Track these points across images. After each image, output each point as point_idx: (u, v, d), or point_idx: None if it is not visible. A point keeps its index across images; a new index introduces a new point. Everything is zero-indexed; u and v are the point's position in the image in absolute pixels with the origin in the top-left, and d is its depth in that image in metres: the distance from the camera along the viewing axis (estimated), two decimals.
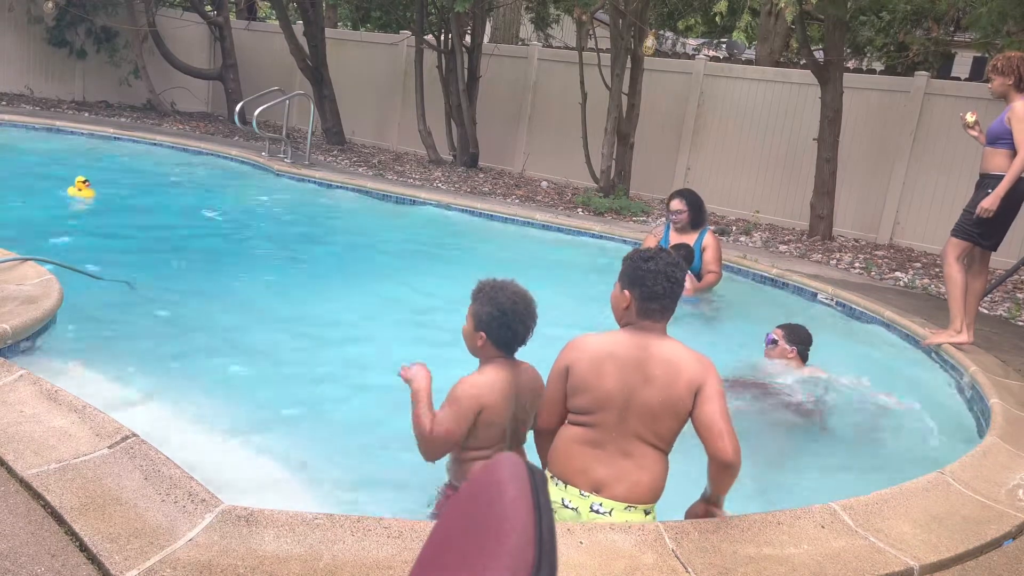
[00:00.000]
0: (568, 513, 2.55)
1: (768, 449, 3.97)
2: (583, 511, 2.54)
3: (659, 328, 2.57)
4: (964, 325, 5.09)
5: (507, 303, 2.68)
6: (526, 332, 2.73)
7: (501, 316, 2.67)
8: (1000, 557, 2.68)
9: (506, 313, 2.67)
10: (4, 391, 2.86)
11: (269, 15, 19.63)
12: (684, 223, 6.15)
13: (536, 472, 0.71)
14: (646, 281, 2.51)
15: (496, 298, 2.70)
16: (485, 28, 13.21)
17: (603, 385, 2.50)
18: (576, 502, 2.55)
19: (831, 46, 9.03)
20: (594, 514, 2.52)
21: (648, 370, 2.48)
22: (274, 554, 2.12)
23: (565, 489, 2.56)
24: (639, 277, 2.53)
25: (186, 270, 6.11)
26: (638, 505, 2.54)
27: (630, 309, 2.57)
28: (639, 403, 2.48)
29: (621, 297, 2.58)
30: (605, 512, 2.52)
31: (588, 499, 2.53)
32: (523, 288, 2.75)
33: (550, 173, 12.24)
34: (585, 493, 2.53)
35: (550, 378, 2.66)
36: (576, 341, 2.65)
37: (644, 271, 2.52)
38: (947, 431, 4.31)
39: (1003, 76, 4.84)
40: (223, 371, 4.22)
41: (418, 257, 7.38)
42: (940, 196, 9.17)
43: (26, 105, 13.45)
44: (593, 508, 2.53)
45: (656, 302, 2.52)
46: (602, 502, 2.52)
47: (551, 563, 0.65)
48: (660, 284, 2.50)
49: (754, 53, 15.61)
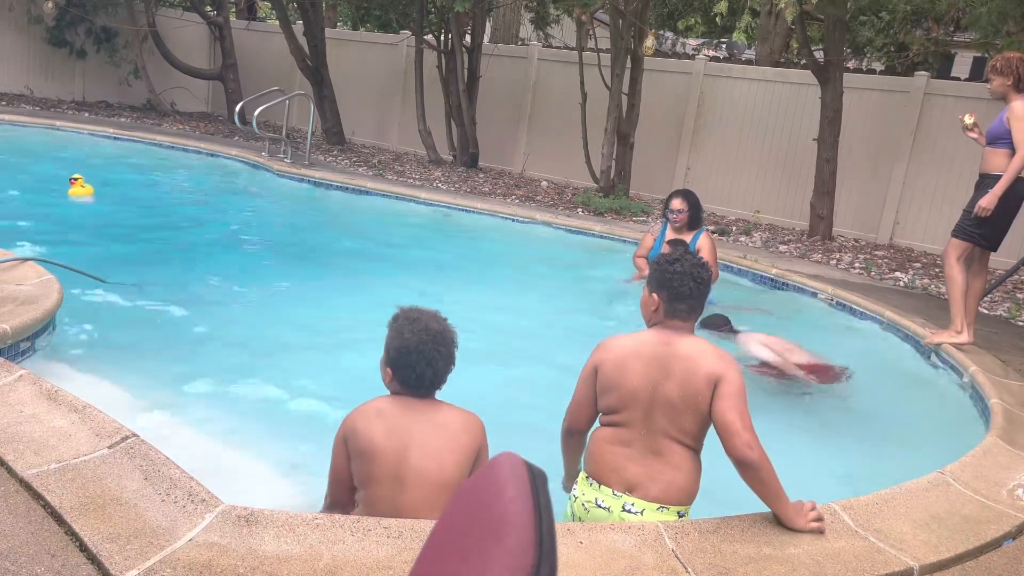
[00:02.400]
0: (600, 513, 2.57)
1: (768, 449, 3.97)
2: (615, 511, 2.55)
3: (686, 327, 2.62)
4: (964, 325, 5.09)
5: (412, 340, 2.37)
6: (434, 375, 2.41)
7: (403, 355, 2.38)
8: (1000, 557, 2.68)
9: (409, 352, 2.37)
10: (4, 391, 2.85)
11: (269, 15, 19.64)
12: (683, 223, 6.15)
13: (536, 472, 0.71)
14: (673, 283, 2.58)
15: (403, 332, 2.41)
16: (485, 28, 13.21)
17: (628, 382, 2.54)
18: (608, 502, 2.56)
19: (831, 46, 9.03)
20: (626, 514, 2.54)
21: (670, 365, 2.53)
22: (274, 554, 2.12)
23: (599, 489, 2.58)
24: (666, 280, 2.59)
25: (185, 270, 6.11)
26: (671, 506, 2.55)
27: (659, 311, 2.63)
28: (662, 398, 2.51)
29: (650, 300, 2.65)
30: (637, 512, 2.53)
31: (620, 499, 2.55)
32: (441, 324, 2.45)
33: (550, 173, 12.24)
34: (618, 493, 2.55)
35: (580, 379, 2.68)
36: (605, 342, 2.67)
37: (671, 273, 2.58)
38: (947, 431, 4.31)
39: (1002, 76, 4.84)
40: (223, 371, 4.22)
41: (418, 257, 7.38)
42: (940, 196, 9.17)
43: (26, 105, 13.46)
44: (625, 508, 2.54)
45: (683, 302, 2.59)
46: (634, 502, 2.53)
47: (551, 563, 0.65)
48: (687, 285, 2.57)
49: (754, 53, 15.62)
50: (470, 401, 2.80)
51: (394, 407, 2.41)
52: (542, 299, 6.19)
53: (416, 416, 2.40)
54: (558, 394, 4.35)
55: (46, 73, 14.81)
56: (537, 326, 5.48)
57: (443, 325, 2.46)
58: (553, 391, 4.40)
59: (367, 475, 2.36)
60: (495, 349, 4.88)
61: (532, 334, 5.27)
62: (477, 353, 4.92)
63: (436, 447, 2.36)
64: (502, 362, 4.79)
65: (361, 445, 2.35)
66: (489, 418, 2.50)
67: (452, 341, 2.45)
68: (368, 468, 2.35)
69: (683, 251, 2.75)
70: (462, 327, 2.65)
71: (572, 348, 5.12)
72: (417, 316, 2.44)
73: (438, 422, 2.41)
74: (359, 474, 2.38)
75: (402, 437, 2.35)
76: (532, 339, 5.18)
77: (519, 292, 6.35)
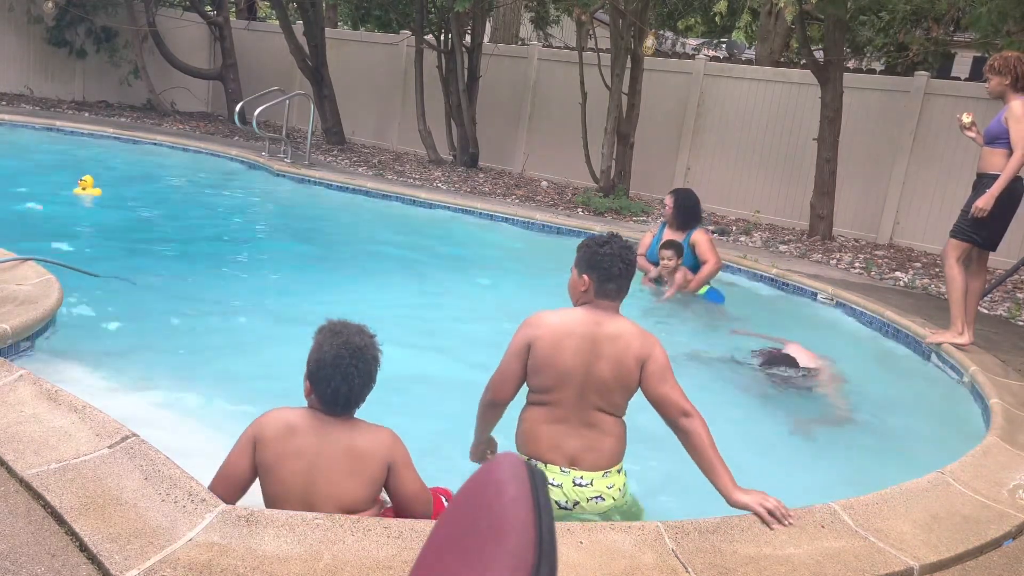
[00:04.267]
0: (555, 492, 2.68)
1: (769, 449, 3.97)
2: (567, 487, 2.70)
3: (613, 307, 2.74)
4: (965, 326, 5.09)
5: (330, 355, 2.29)
6: (349, 393, 2.31)
7: (320, 368, 2.29)
8: (1000, 557, 2.68)
9: (326, 366, 2.28)
10: (4, 391, 2.85)
11: (269, 15, 19.63)
12: (668, 218, 6.35)
13: (536, 472, 0.71)
14: (603, 264, 2.69)
15: (322, 345, 2.32)
16: (485, 28, 13.20)
17: (562, 362, 2.65)
18: (559, 479, 2.70)
19: (831, 46, 9.03)
20: (578, 488, 2.69)
21: (600, 346, 2.65)
22: (274, 554, 2.12)
23: (545, 468, 2.68)
24: (596, 261, 2.70)
25: (186, 270, 6.10)
26: (610, 469, 2.74)
27: (588, 291, 2.73)
28: (594, 378, 2.65)
29: (579, 281, 2.75)
30: (587, 484, 2.70)
31: (569, 474, 2.70)
32: (365, 340, 2.34)
33: (550, 173, 12.24)
34: (565, 469, 2.70)
35: (509, 353, 2.74)
36: (535, 319, 2.75)
37: (601, 255, 2.70)
38: (947, 431, 4.31)
39: (1000, 76, 4.84)
40: (223, 371, 4.22)
41: (418, 257, 7.37)
42: (940, 196, 9.17)
43: (26, 105, 13.45)
44: (575, 482, 2.70)
45: (613, 283, 2.70)
46: (582, 475, 2.70)
47: (551, 563, 0.65)
48: (616, 266, 2.69)
49: (754, 53, 15.62)
50: (472, 401, 2.80)
51: (308, 424, 2.33)
52: (542, 299, 6.19)
53: (328, 437, 2.32)
54: None
55: (46, 73, 14.81)
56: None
57: (367, 341, 2.33)
58: None
59: (274, 494, 2.35)
60: (494, 348, 4.87)
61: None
62: (476, 352, 4.92)
63: (344, 472, 2.32)
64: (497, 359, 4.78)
65: (268, 460, 2.32)
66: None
67: (373, 359, 2.34)
68: (275, 488, 2.34)
69: (611, 234, 2.85)
70: (463, 327, 2.65)
71: None
72: (340, 329, 2.34)
73: (348, 445, 2.33)
74: (267, 490, 2.35)
75: (311, 460, 2.30)
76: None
77: (518, 292, 6.35)
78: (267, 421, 2.36)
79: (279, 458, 2.31)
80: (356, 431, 2.36)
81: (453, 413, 3.94)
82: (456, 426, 3.80)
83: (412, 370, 4.40)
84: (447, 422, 3.79)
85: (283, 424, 2.34)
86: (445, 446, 3.43)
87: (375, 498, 2.42)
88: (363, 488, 2.36)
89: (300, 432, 2.33)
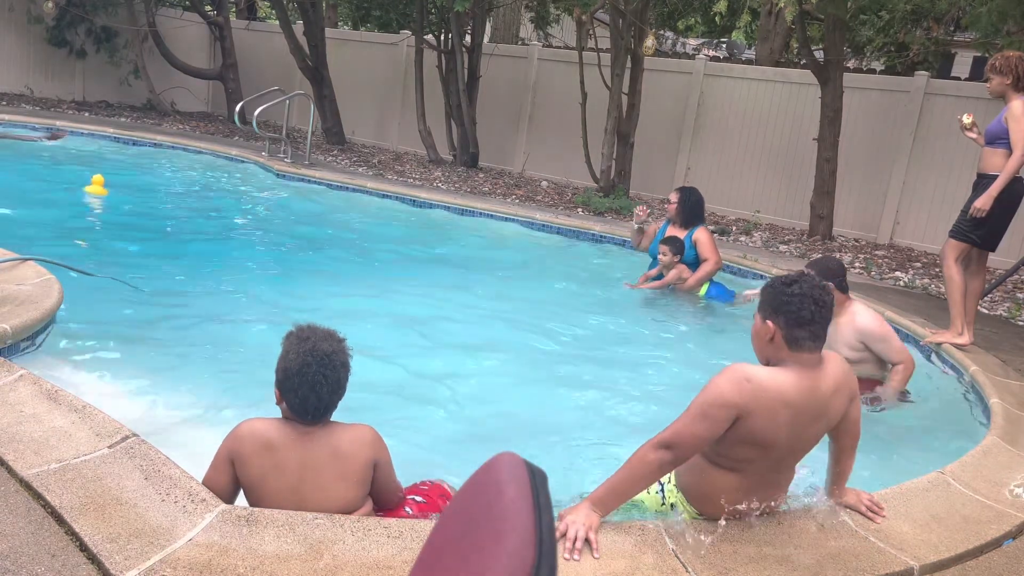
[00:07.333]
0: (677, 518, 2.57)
1: None
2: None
3: (816, 359, 2.36)
4: (965, 326, 5.09)
5: (296, 362, 2.23)
6: (318, 402, 2.25)
7: (288, 376, 2.24)
8: (1000, 557, 2.68)
9: (292, 375, 2.23)
10: (4, 391, 2.85)
11: (269, 15, 19.64)
12: (673, 215, 6.36)
13: (536, 472, 0.71)
14: (791, 307, 2.31)
15: (289, 352, 2.26)
16: (485, 28, 13.20)
17: (774, 438, 2.33)
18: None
19: (831, 46, 9.03)
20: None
21: (819, 412, 2.38)
22: (274, 554, 2.12)
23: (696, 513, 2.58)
24: (782, 303, 2.32)
25: (186, 270, 6.10)
26: None
27: (775, 341, 2.35)
28: (803, 443, 2.44)
29: (764, 328, 2.37)
30: None
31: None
32: (334, 346, 2.28)
33: (550, 173, 12.24)
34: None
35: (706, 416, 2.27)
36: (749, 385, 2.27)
37: (788, 296, 2.32)
38: (947, 431, 4.31)
39: (1001, 76, 4.84)
40: (224, 371, 4.22)
41: (418, 257, 7.38)
42: (940, 196, 9.17)
43: (26, 105, 13.45)
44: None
45: (804, 328, 2.30)
46: None
47: (551, 563, 0.65)
48: (807, 308, 2.30)
49: (754, 53, 15.62)
50: (472, 401, 2.80)
51: (286, 437, 2.30)
52: (542, 299, 6.19)
53: (309, 447, 2.29)
54: (555, 390, 4.36)
55: (46, 73, 14.81)
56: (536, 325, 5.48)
57: (335, 347, 2.28)
58: (547, 387, 4.41)
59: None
60: (494, 348, 4.89)
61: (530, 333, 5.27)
62: (477, 352, 4.92)
63: (331, 477, 2.31)
64: (498, 360, 4.79)
65: (251, 479, 2.30)
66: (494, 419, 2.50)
67: (342, 365, 2.28)
68: (263, 505, 2.32)
69: (800, 272, 2.45)
70: (462, 327, 2.64)
71: (571, 347, 5.13)
72: (308, 335, 2.27)
73: (329, 450, 2.29)
74: (254, 506, 2.34)
75: (296, 474, 2.29)
76: (530, 338, 5.18)
77: (518, 292, 6.35)
78: (243, 436, 2.31)
79: (262, 476, 2.29)
80: (336, 434, 2.33)
81: (453, 413, 3.94)
82: (456, 426, 3.81)
83: (412, 370, 4.41)
84: (447, 422, 3.79)
85: (260, 440, 2.29)
86: (445, 446, 3.43)
87: (366, 495, 2.42)
88: (353, 489, 2.35)
89: (278, 447, 2.29)
